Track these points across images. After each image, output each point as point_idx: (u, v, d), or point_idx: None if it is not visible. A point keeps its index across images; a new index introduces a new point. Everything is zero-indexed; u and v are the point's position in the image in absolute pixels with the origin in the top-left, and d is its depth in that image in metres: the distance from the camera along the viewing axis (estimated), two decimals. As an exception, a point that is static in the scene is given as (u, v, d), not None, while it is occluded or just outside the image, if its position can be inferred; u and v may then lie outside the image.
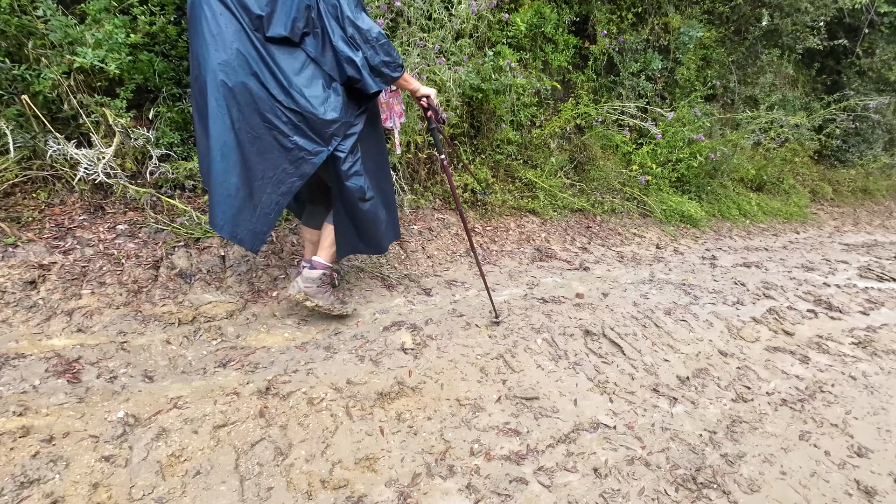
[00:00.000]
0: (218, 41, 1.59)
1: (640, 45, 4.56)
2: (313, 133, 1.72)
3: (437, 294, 2.60)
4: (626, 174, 4.40)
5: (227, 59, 1.59)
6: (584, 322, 2.45)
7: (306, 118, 1.70)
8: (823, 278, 3.77)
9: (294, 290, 2.03)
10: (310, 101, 1.68)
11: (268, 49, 1.64)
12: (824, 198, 6.94)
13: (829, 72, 7.06)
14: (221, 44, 1.59)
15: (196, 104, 1.73)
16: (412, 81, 1.94)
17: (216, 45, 1.59)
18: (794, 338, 2.67)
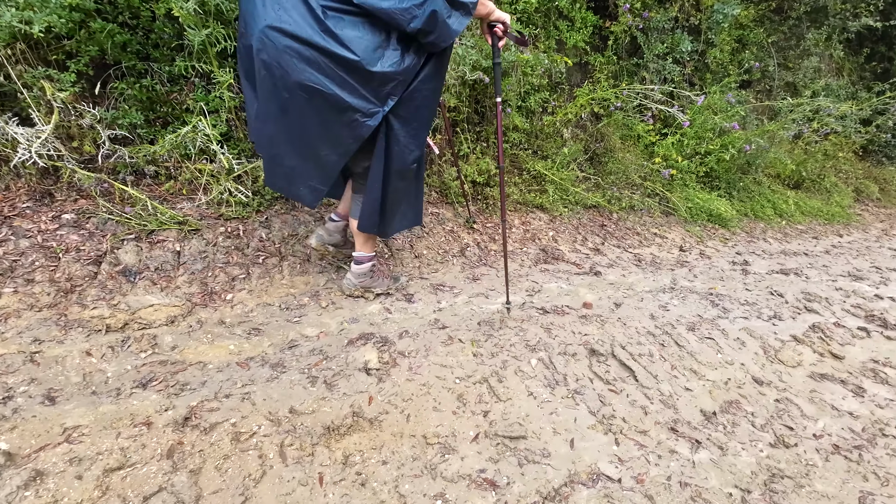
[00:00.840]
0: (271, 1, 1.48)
1: (667, 23, 4.10)
2: (366, 91, 1.57)
3: (420, 300, 2.26)
4: (648, 167, 3.96)
5: (277, 16, 1.47)
6: (591, 338, 2.08)
7: (360, 73, 1.53)
8: (874, 289, 3.28)
9: (349, 287, 2.18)
10: (363, 55, 1.51)
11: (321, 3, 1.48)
12: (869, 197, 6.32)
13: (879, 58, 6.39)
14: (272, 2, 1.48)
15: (243, 66, 1.68)
16: (488, 3, 1.68)
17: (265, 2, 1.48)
18: (844, 362, 2.23)
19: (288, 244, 2.43)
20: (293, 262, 2.33)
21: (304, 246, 2.42)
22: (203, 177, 2.48)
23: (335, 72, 1.52)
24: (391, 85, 1.59)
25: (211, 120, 2.56)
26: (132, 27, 2.53)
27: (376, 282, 2.23)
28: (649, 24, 4.08)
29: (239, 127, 2.70)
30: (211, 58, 2.47)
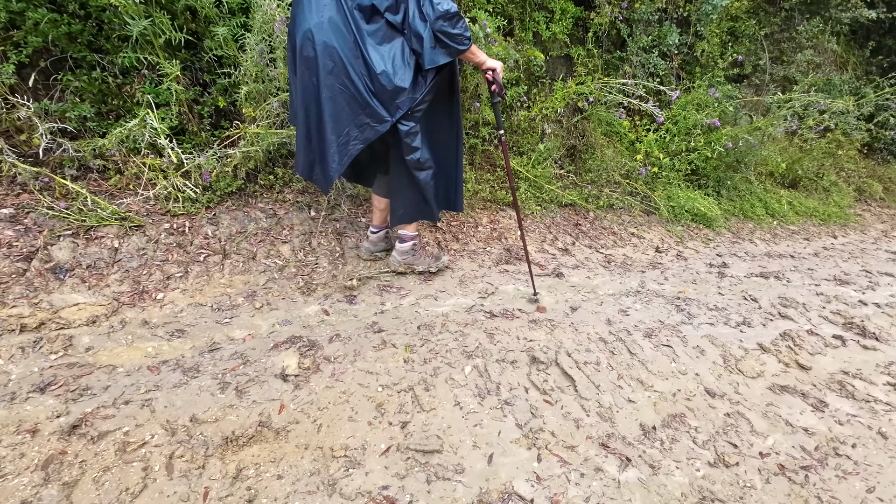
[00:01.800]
0: (314, 4, 1.75)
1: (652, 15, 3.94)
2: (381, 101, 1.83)
3: (363, 302, 2.18)
4: (629, 165, 3.83)
5: (319, 21, 1.74)
6: (536, 345, 1.98)
7: (378, 85, 1.81)
8: (860, 294, 3.13)
9: (394, 264, 2.39)
10: (383, 70, 1.79)
11: (355, 16, 1.75)
12: (872, 197, 6.09)
13: (886, 52, 6.13)
14: (317, 7, 1.74)
15: (290, 60, 1.90)
16: (479, 54, 1.95)
17: (311, 7, 1.75)
18: (811, 374, 2.11)
19: (234, 241, 2.36)
20: (236, 260, 2.27)
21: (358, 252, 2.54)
22: (150, 172, 2.42)
23: (359, 78, 1.79)
24: (401, 98, 1.84)
25: (161, 113, 2.50)
26: (83, 17, 2.48)
27: (418, 259, 2.42)
28: (634, 15, 3.93)
29: (192, 120, 2.63)
30: (157, 48, 2.40)
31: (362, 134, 1.87)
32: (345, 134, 1.86)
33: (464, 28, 1.79)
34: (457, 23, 1.76)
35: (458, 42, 1.79)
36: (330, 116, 1.83)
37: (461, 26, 1.78)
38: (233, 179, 2.55)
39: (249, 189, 2.63)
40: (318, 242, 2.52)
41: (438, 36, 1.75)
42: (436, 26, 1.74)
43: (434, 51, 1.79)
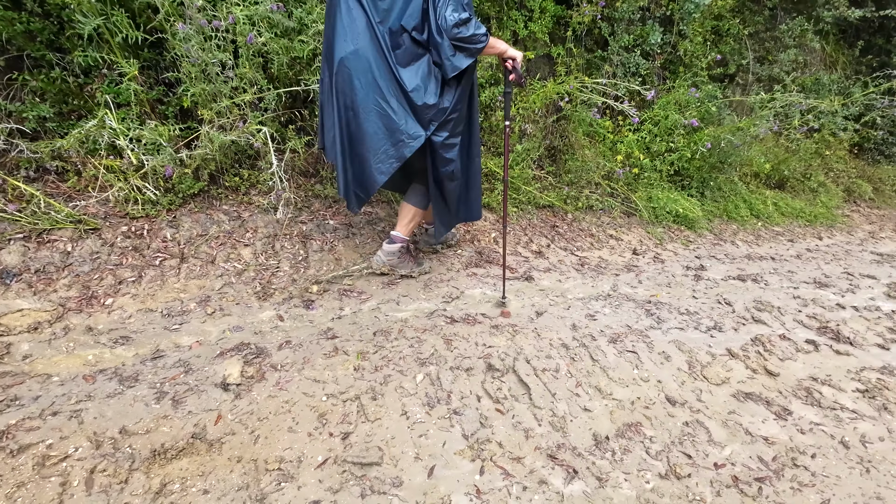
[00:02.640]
0: (349, 32, 1.87)
1: (634, 14, 3.89)
2: (415, 117, 1.95)
3: (321, 307, 2.13)
4: (608, 166, 3.78)
5: (355, 48, 1.86)
6: (494, 351, 1.94)
7: (411, 103, 1.93)
8: (839, 297, 3.08)
9: (378, 263, 2.41)
10: (414, 87, 1.91)
11: (387, 41, 1.87)
12: (862, 197, 6.04)
13: (876, 51, 6.08)
14: (352, 34, 1.86)
15: (324, 82, 2.01)
16: (499, 45, 2.01)
17: (346, 35, 1.86)
18: (778, 380, 2.07)
19: (194, 245, 2.32)
20: (194, 264, 2.22)
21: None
22: (109, 173, 2.38)
23: (394, 98, 1.91)
24: (432, 112, 1.96)
25: (121, 113, 2.46)
26: (43, 15, 2.43)
27: (402, 263, 2.47)
28: (615, 14, 3.88)
29: (155, 121, 2.59)
30: (113, 47, 2.35)
31: (398, 151, 1.97)
32: (381, 152, 1.97)
33: (477, 27, 1.87)
34: (469, 26, 1.85)
35: (475, 42, 1.88)
36: (368, 137, 1.95)
37: (474, 26, 1.86)
38: (194, 181, 2.50)
39: (213, 191, 2.59)
40: (281, 245, 2.47)
41: (456, 44, 1.86)
42: (451, 35, 1.84)
43: (455, 57, 1.89)
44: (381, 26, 1.86)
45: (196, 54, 2.27)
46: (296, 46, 2.49)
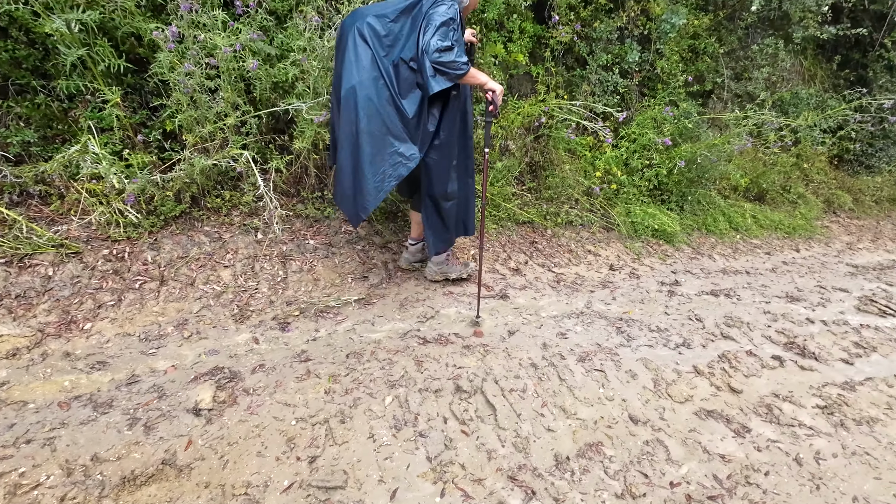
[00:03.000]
0: (355, 65, 2.05)
1: (612, 34, 3.99)
2: (411, 140, 2.12)
3: (297, 329, 2.19)
4: (586, 183, 3.87)
5: (360, 80, 2.04)
6: (464, 372, 2.00)
7: (409, 128, 2.11)
8: (809, 311, 3.16)
9: (431, 273, 2.74)
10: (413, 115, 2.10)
11: (390, 73, 2.06)
12: (842, 208, 6.15)
13: (853, 66, 6.23)
14: (358, 67, 2.05)
15: (334, 108, 2.22)
16: (479, 76, 2.14)
17: (353, 67, 2.05)
18: (741, 397, 2.14)
19: (174, 267, 2.37)
20: (173, 286, 2.28)
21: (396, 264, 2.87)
22: (91, 197, 2.43)
23: (393, 124, 2.08)
24: (428, 136, 2.17)
25: (104, 138, 2.51)
26: (29, 43, 2.49)
27: (452, 268, 2.77)
28: (593, 33, 3.99)
29: (137, 145, 2.65)
30: (96, 75, 2.41)
31: (395, 171, 2.13)
32: (380, 173, 2.13)
33: (458, 55, 2.01)
34: (450, 54, 1.99)
35: (455, 68, 2.01)
36: (368, 157, 2.10)
37: (455, 54, 2.00)
38: (176, 204, 2.56)
39: (195, 213, 2.64)
40: (261, 266, 2.53)
41: (436, 67, 1.99)
42: (432, 59, 1.97)
43: (435, 78, 2.02)
44: (385, 60, 2.05)
45: (187, 84, 2.33)
46: (277, 72, 2.56)
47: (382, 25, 2.04)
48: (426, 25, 1.98)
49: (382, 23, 2.04)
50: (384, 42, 2.06)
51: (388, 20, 2.05)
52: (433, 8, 2.00)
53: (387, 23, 2.05)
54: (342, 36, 2.12)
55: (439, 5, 2.00)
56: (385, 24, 2.05)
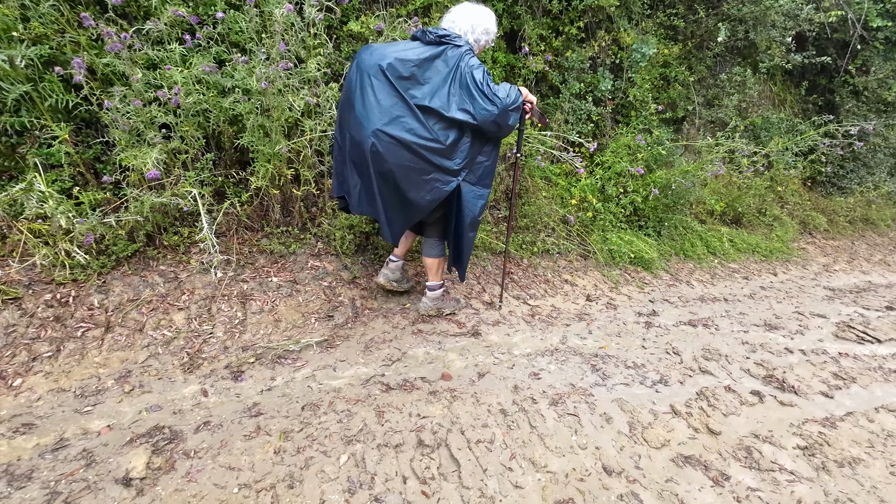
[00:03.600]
0: (379, 107, 2.06)
1: (583, 62, 4.03)
2: (448, 167, 2.19)
3: (251, 377, 2.05)
4: (561, 211, 3.83)
5: (390, 120, 2.07)
6: (428, 423, 1.88)
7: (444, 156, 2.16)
8: (788, 340, 3.12)
9: (425, 308, 2.74)
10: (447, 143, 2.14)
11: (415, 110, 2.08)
12: (817, 229, 6.23)
13: (820, 91, 6.41)
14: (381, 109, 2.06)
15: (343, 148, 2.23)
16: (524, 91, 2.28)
17: (376, 110, 2.07)
18: (720, 439, 2.05)
19: (123, 311, 2.23)
20: (120, 333, 2.13)
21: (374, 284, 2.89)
22: (35, 238, 2.29)
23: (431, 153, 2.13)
24: (463, 163, 2.22)
25: (52, 175, 2.39)
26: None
27: (446, 304, 2.80)
28: (565, 63, 4.01)
29: (90, 181, 2.53)
30: (43, 111, 2.31)
31: (431, 195, 2.21)
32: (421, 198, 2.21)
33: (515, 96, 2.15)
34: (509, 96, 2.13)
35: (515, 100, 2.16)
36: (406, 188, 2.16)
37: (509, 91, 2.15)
38: (128, 243, 2.43)
39: (150, 252, 2.52)
40: (218, 308, 2.40)
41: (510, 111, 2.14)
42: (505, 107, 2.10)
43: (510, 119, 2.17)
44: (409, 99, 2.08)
45: (124, 121, 2.24)
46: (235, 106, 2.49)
47: (406, 68, 2.07)
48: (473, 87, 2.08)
49: (406, 66, 2.07)
50: (409, 85, 2.09)
51: (412, 65, 2.08)
52: (464, 62, 2.10)
53: (410, 66, 2.08)
54: (360, 73, 2.11)
55: (469, 58, 2.12)
56: (408, 67, 2.07)
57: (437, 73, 2.10)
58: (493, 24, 2.32)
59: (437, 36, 2.13)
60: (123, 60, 2.22)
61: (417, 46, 2.14)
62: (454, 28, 2.21)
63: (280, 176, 2.75)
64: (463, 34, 2.21)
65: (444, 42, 2.13)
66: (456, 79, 2.10)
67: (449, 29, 2.19)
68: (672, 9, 4.36)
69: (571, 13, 3.96)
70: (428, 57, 2.10)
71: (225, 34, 2.66)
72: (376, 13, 3.19)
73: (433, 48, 2.12)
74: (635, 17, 4.26)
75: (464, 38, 2.19)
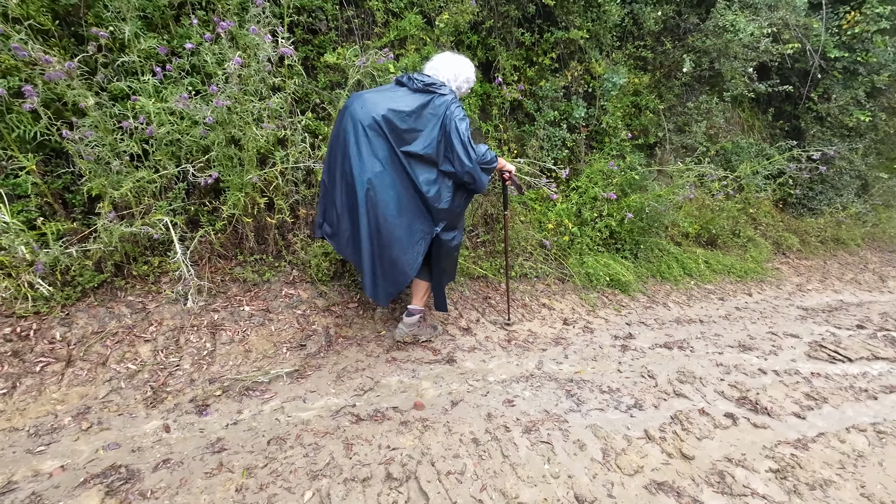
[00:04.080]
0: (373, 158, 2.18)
1: (556, 91, 4.15)
2: (431, 219, 2.36)
3: (216, 411, 2.00)
4: (538, 236, 3.88)
5: (380, 170, 2.19)
6: (398, 454, 1.84)
7: (429, 209, 2.33)
8: (762, 361, 3.16)
9: (401, 334, 2.72)
10: (431, 196, 2.29)
11: (407, 159, 2.23)
12: (790, 249, 6.39)
13: (786, 117, 6.68)
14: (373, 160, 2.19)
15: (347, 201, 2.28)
16: (501, 161, 2.55)
17: (370, 161, 2.18)
18: (693, 464, 2.04)
19: (86, 344, 2.17)
20: (81, 367, 2.07)
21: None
22: (-3, 270, 2.24)
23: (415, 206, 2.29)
24: (444, 213, 2.36)
25: (18, 206, 2.36)
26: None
27: (422, 331, 2.79)
28: (539, 92, 4.14)
29: (58, 211, 2.50)
30: (10, 143, 2.29)
31: (419, 247, 2.34)
32: (410, 251, 2.31)
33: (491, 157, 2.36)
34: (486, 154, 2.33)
35: (492, 163, 2.38)
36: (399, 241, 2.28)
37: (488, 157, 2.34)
38: (95, 273, 2.39)
39: (118, 282, 2.47)
40: (186, 339, 2.35)
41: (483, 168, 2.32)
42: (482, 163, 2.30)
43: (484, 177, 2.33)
44: (401, 151, 2.21)
45: (87, 151, 2.23)
46: (209, 136, 2.50)
47: (401, 120, 2.18)
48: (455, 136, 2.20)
49: (401, 117, 2.18)
50: (403, 136, 2.21)
51: (405, 115, 2.19)
52: (450, 111, 2.22)
53: (404, 116, 2.19)
54: (353, 124, 2.19)
55: (455, 108, 2.23)
56: (403, 119, 2.19)
57: (427, 122, 2.22)
58: (473, 74, 2.45)
59: (423, 84, 2.23)
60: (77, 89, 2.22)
61: (406, 95, 2.23)
62: (438, 76, 2.32)
63: (254, 204, 2.75)
64: (447, 82, 2.32)
65: (431, 91, 2.23)
66: (442, 126, 2.22)
67: (433, 76, 2.30)
68: (640, 41, 4.56)
69: (544, 45, 4.11)
70: (418, 106, 2.20)
71: (199, 65, 2.70)
72: (353, 45, 3.27)
73: (422, 96, 2.22)
74: (605, 48, 4.44)
75: (448, 86, 2.30)
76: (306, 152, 2.79)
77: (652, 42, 4.64)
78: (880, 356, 3.39)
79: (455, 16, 3.42)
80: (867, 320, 4.23)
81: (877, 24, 5.50)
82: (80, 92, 2.22)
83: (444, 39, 3.51)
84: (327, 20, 3.28)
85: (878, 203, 7.78)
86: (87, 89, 2.34)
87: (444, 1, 3.47)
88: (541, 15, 4.04)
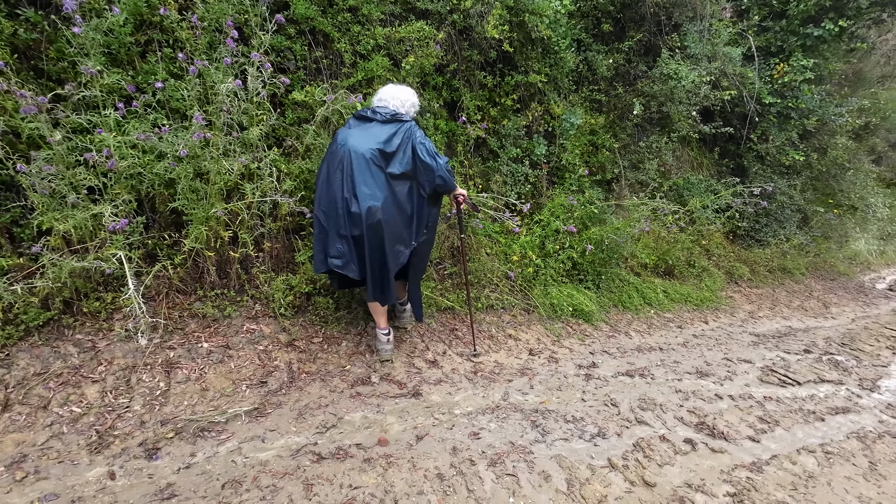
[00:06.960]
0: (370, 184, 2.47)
1: (518, 130, 4.36)
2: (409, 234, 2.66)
3: (168, 455, 1.90)
4: (503, 268, 3.97)
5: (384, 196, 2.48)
6: (360, 493, 1.79)
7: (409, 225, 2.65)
8: (718, 386, 3.27)
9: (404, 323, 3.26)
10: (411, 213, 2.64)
11: (392, 181, 2.53)
12: (742, 279, 6.74)
13: (731, 156, 7.21)
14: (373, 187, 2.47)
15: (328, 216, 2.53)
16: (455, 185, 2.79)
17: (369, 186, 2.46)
18: (655, 491, 2.07)
19: (26, 387, 2.04)
20: (19, 412, 1.94)
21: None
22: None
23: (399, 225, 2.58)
24: (423, 227, 2.72)
25: (-41, 240, 2.25)
26: None
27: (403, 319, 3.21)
28: (502, 130, 4.33)
29: (4, 245, 2.39)
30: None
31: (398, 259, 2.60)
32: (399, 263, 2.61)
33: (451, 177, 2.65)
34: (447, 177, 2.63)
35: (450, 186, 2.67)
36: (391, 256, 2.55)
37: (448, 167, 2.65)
38: (41, 310, 2.27)
39: (66, 319, 2.36)
40: (138, 379, 2.25)
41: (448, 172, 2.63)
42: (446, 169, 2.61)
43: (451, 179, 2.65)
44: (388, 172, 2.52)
45: (43, 184, 2.18)
46: (169, 170, 2.48)
47: (388, 147, 2.51)
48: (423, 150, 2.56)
49: (385, 146, 2.51)
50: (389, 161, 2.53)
51: (386, 142, 2.52)
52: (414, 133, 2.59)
53: (386, 145, 2.51)
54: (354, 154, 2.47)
55: (416, 129, 2.62)
56: (386, 146, 2.51)
57: (400, 145, 2.56)
58: (417, 99, 2.83)
59: (390, 115, 2.60)
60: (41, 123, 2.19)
61: (377, 126, 2.57)
62: (390, 105, 2.67)
63: (217, 238, 2.72)
64: (398, 109, 2.66)
65: (398, 119, 2.60)
66: (411, 146, 2.57)
67: (389, 106, 2.66)
68: (595, 85, 4.88)
69: (505, 87, 4.33)
70: (391, 135, 2.55)
71: (165, 101, 2.71)
72: (320, 84, 3.36)
73: (392, 126, 2.58)
74: (563, 91, 4.72)
75: (406, 114, 2.67)
76: (273, 186, 2.80)
77: (605, 86, 4.98)
78: (826, 379, 3.59)
79: (421, 59, 3.59)
80: (813, 345, 4.48)
81: (802, 74, 6.12)
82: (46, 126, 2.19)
83: (411, 80, 3.66)
84: (296, 60, 3.37)
85: (817, 235, 8.38)
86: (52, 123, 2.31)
87: (410, 45, 3.65)
88: (501, 60, 4.29)
